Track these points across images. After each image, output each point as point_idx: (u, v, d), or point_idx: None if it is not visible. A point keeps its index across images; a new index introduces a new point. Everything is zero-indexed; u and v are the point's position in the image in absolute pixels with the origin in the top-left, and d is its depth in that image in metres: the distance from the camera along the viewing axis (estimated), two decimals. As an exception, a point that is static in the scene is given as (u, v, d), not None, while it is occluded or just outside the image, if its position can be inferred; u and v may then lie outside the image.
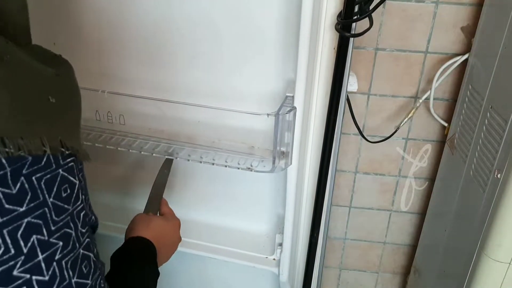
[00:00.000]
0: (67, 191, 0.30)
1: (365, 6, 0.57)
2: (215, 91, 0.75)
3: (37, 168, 0.28)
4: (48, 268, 0.29)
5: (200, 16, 0.70)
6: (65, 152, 0.30)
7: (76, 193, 0.32)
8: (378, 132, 0.97)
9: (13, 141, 0.26)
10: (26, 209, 0.27)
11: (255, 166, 0.70)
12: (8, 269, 0.27)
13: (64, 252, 0.30)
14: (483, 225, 0.69)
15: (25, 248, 0.27)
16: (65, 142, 0.30)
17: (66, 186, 0.30)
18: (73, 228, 0.31)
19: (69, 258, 0.30)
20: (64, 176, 0.30)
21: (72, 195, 0.31)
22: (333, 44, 0.61)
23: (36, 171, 0.28)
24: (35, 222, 0.28)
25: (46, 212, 0.29)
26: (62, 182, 0.30)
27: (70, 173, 0.31)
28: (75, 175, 0.32)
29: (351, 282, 1.22)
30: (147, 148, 0.74)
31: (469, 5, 0.82)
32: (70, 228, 0.30)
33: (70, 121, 0.32)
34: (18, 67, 0.28)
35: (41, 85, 0.30)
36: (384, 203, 1.08)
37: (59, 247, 0.29)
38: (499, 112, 0.67)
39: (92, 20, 0.74)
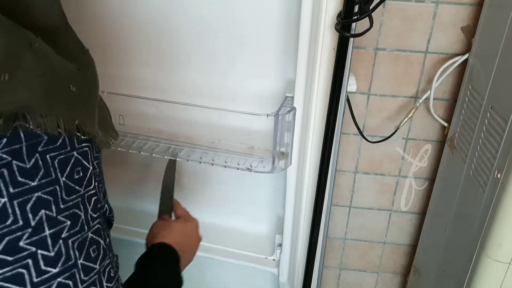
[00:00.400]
0: (79, 174, 0.31)
1: (365, 6, 0.57)
2: (214, 91, 0.75)
3: (52, 147, 0.29)
4: (54, 244, 0.29)
5: (200, 17, 0.70)
6: (81, 137, 0.32)
7: (88, 177, 0.32)
8: (378, 132, 0.97)
9: (33, 117, 0.28)
10: (38, 184, 0.28)
11: (255, 166, 0.70)
12: (15, 239, 0.27)
13: (71, 232, 0.30)
14: (483, 225, 0.69)
15: (33, 221, 0.28)
16: (82, 127, 0.32)
17: (79, 169, 0.31)
18: (83, 210, 0.31)
19: (76, 238, 0.31)
20: (78, 159, 0.31)
21: (84, 179, 0.32)
22: (333, 44, 0.61)
23: (51, 150, 0.29)
24: (45, 198, 0.29)
25: (57, 189, 0.29)
26: (75, 164, 0.31)
27: (84, 157, 0.32)
28: (89, 161, 0.32)
29: (351, 282, 1.22)
30: (146, 148, 0.74)
31: (469, 5, 0.82)
32: (79, 210, 0.31)
33: (87, 110, 0.34)
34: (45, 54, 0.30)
35: (64, 74, 0.31)
36: (384, 203, 1.07)
37: (66, 225, 0.30)
38: (499, 112, 0.67)
39: (92, 20, 0.74)
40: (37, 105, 0.28)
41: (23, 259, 0.28)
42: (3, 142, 0.27)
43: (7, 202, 0.27)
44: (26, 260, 0.28)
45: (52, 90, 0.30)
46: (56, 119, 0.29)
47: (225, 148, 0.74)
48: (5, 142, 0.27)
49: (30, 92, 0.28)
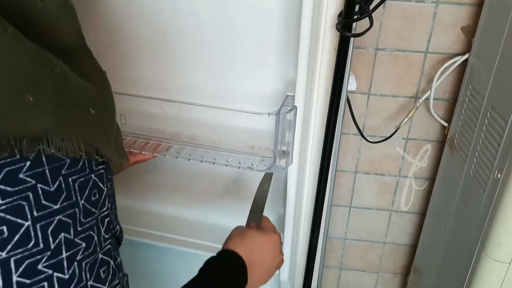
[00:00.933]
0: (96, 196, 0.32)
1: (365, 6, 0.57)
2: (216, 90, 0.75)
3: (74, 170, 0.30)
4: (69, 267, 0.30)
5: (201, 17, 0.70)
6: (99, 159, 0.32)
7: (103, 199, 0.33)
8: (378, 132, 0.97)
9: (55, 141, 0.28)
10: (60, 207, 0.29)
11: (256, 165, 0.70)
12: (34, 263, 0.28)
13: (85, 254, 0.31)
14: (483, 225, 0.69)
15: (53, 245, 0.28)
16: (100, 150, 0.32)
17: (96, 191, 0.32)
18: (96, 232, 0.32)
19: (88, 260, 0.31)
20: (95, 181, 0.32)
21: (99, 200, 0.33)
22: (333, 44, 0.61)
23: (73, 173, 0.30)
24: (65, 221, 0.29)
25: (76, 212, 0.30)
26: (93, 187, 0.32)
27: (100, 179, 0.33)
28: (104, 182, 0.33)
29: (351, 282, 1.22)
30: (148, 148, 0.74)
31: (469, 5, 0.82)
32: (93, 231, 0.32)
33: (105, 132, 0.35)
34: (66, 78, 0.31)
35: (84, 97, 0.32)
36: (384, 203, 1.08)
37: (82, 247, 0.30)
38: (499, 112, 0.67)
39: (93, 19, 0.74)
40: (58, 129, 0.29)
41: (40, 281, 0.28)
42: (27, 165, 0.27)
43: (30, 226, 0.27)
44: (42, 283, 0.28)
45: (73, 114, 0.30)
46: (77, 142, 0.30)
47: (226, 147, 0.74)
48: (29, 165, 0.27)
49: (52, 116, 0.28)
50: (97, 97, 0.34)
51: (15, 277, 0.27)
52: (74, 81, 0.31)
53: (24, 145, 0.27)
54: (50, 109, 0.28)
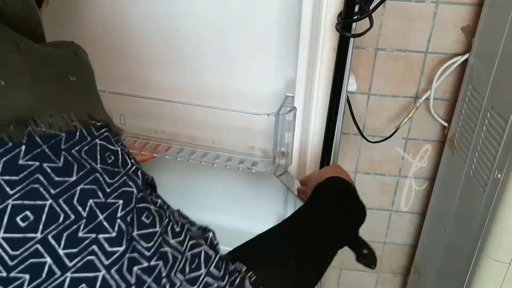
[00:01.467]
0: (111, 158, 0.31)
1: (365, 6, 0.57)
2: (215, 91, 0.75)
3: (73, 142, 0.29)
4: (112, 225, 0.29)
5: (201, 17, 0.70)
6: (97, 124, 0.31)
7: (122, 158, 0.32)
8: (378, 132, 0.97)
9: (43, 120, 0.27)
10: (77, 178, 0.28)
11: (255, 166, 0.70)
12: (73, 232, 0.28)
13: (126, 209, 0.30)
14: (483, 225, 0.69)
15: (84, 212, 0.28)
16: (93, 115, 0.31)
17: (109, 153, 0.31)
18: (134, 185, 0.32)
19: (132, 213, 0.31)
20: (103, 144, 0.31)
21: (118, 161, 0.32)
22: (333, 44, 0.61)
23: (73, 145, 0.29)
24: (88, 188, 0.29)
25: (98, 177, 0.29)
26: (103, 151, 0.31)
27: (108, 142, 0.32)
28: (113, 144, 0.32)
29: (352, 282, 1.22)
30: (147, 148, 0.74)
31: (469, 5, 0.82)
32: (129, 186, 0.31)
33: (92, 96, 0.33)
34: (35, 52, 0.29)
35: (59, 66, 0.31)
36: (384, 203, 1.08)
37: (119, 205, 0.30)
38: (499, 112, 0.67)
39: (93, 19, 0.74)
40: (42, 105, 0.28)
41: (88, 247, 0.28)
42: (22, 149, 0.27)
43: (53, 203, 0.27)
44: (91, 247, 0.28)
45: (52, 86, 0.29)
46: (67, 114, 0.29)
47: (226, 148, 0.74)
48: (24, 149, 0.27)
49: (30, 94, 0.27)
50: (74, 62, 0.33)
51: (61, 250, 0.27)
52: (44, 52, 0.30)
53: (12, 131, 0.26)
54: (26, 88, 0.27)
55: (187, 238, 0.35)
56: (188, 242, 0.34)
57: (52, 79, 0.30)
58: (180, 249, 0.33)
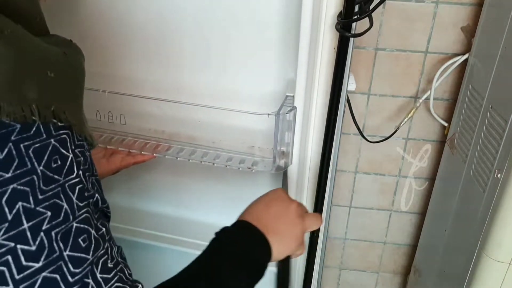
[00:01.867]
0: (57, 162, 0.30)
1: (365, 6, 0.57)
2: (215, 91, 0.75)
3: (26, 136, 0.28)
4: (35, 237, 0.28)
5: (201, 17, 0.70)
6: (57, 123, 0.30)
7: (69, 166, 0.31)
8: (378, 132, 0.97)
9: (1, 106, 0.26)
10: (12, 176, 0.27)
11: (255, 166, 0.70)
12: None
13: (53, 223, 0.29)
14: (483, 225, 0.69)
15: (10, 215, 0.27)
16: (58, 113, 0.30)
17: (57, 157, 0.30)
18: (65, 200, 0.30)
19: (60, 229, 0.29)
20: (56, 146, 0.30)
21: (63, 167, 0.30)
22: (333, 44, 0.61)
23: (25, 139, 0.28)
24: (21, 189, 0.27)
25: (34, 179, 0.28)
26: (52, 153, 0.29)
27: (62, 145, 0.30)
28: (68, 148, 0.31)
29: (351, 282, 1.22)
30: (147, 148, 0.74)
31: (469, 5, 0.82)
32: (60, 199, 0.30)
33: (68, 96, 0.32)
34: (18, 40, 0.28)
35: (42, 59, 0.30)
36: (384, 203, 1.08)
37: (47, 216, 0.28)
38: (499, 112, 0.67)
39: (93, 19, 0.74)
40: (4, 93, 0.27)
41: (2, 255, 0.26)
42: None
43: None
44: (5, 256, 0.26)
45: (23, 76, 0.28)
46: (28, 106, 0.28)
47: (226, 148, 0.74)
48: None
49: None
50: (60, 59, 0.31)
51: None
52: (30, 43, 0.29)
53: None
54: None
55: (114, 279, 0.33)
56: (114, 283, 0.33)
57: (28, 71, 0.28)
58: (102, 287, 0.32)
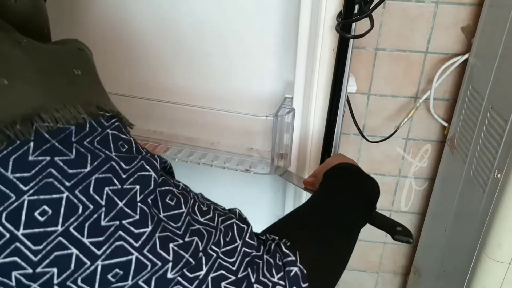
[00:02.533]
0: (124, 147, 0.31)
1: (365, 6, 0.57)
2: (214, 92, 0.75)
3: (83, 134, 0.29)
4: (134, 209, 0.29)
5: (200, 19, 0.70)
6: (106, 115, 0.31)
7: (136, 147, 0.32)
8: (378, 132, 0.97)
9: (49, 115, 0.27)
10: (91, 169, 0.28)
11: (254, 168, 0.69)
12: (95, 222, 0.28)
13: (145, 193, 0.30)
14: (483, 225, 0.69)
15: (102, 201, 0.28)
16: (101, 106, 0.30)
17: (122, 142, 0.31)
18: (151, 169, 0.31)
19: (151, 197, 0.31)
20: (115, 134, 0.31)
21: (132, 149, 0.31)
22: (332, 45, 0.60)
23: (83, 137, 0.29)
24: (103, 177, 0.28)
25: (113, 165, 0.29)
26: (115, 140, 0.30)
27: (120, 131, 0.31)
28: (125, 133, 0.32)
29: (351, 282, 1.22)
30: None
31: (469, 5, 0.81)
32: (146, 170, 0.31)
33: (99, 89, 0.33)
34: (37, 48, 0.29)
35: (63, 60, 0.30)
36: (384, 203, 1.07)
37: (136, 190, 0.30)
38: (499, 112, 0.67)
39: (91, 20, 0.74)
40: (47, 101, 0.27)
41: (113, 233, 0.28)
42: (31, 146, 0.26)
43: (69, 195, 0.27)
44: (116, 233, 0.28)
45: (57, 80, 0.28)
46: (74, 107, 0.28)
47: (225, 149, 0.74)
48: (33, 146, 0.26)
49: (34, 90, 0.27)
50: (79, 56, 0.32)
51: (86, 240, 0.27)
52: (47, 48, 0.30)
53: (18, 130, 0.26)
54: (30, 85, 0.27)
55: (215, 215, 0.35)
56: (218, 218, 0.35)
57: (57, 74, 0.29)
58: (212, 224, 0.34)
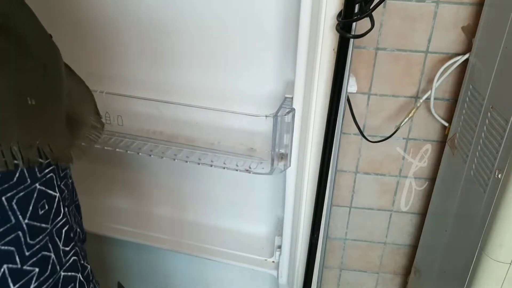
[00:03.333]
0: (44, 208, 0.26)
1: (365, 6, 0.56)
2: (213, 92, 0.75)
3: (8, 186, 0.24)
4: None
5: (199, 18, 0.70)
6: (43, 163, 0.26)
7: (56, 207, 0.27)
8: (378, 132, 0.97)
9: None
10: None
11: (254, 168, 0.69)
12: None
13: (41, 279, 0.26)
14: (483, 225, 0.69)
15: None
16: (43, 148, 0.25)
17: (44, 202, 0.26)
18: (52, 249, 0.27)
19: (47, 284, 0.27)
20: (42, 190, 0.26)
21: (51, 211, 0.27)
22: (332, 45, 0.60)
23: (6, 190, 0.24)
24: (6, 250, 0.24)
25: (19, 236, 0.25)
26: (39, 198, 0.26)
27: (49, 186, 0.27)
28: (55, 187, 0.27)
29: (352, 282, 1.21)
30: (145, 150, 0.74)
31: (469, 5, 0.81)
32: (48, 250, 0.26)
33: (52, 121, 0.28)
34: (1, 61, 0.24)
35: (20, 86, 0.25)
36: (384, 203, 1.07)
37: (35, 273, 0.25)
38: (500, 112, 0.67)
39: (91, 19, 0.73)
40: None
41: None
42: None
43: None
44: None
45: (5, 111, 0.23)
46: (9, 148, 0.23)
47: (224, 150, 0.74)
48: None
49: None
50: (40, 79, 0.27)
51: None
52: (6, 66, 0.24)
53: None
54: None
55: None
56: None
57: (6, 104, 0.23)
58: None
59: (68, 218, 0.29)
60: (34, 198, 0.25)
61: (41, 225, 0.26)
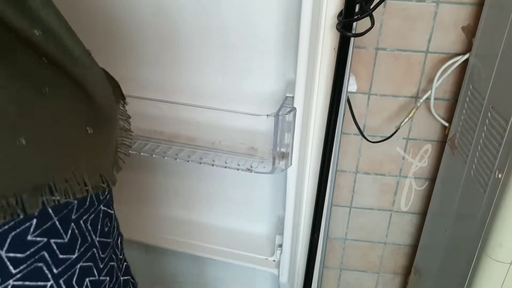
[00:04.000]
0: (108, 225, 0.30)
1: (366, 5, 0.57)
2: (214, 92, 0.75)
3: (83, 210, 0.28)
4: None
5: (201, 18, 0.70)
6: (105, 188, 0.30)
7: (114, 223, 0.32)
8: (378, 132, 0.97)
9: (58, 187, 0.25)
10: (78, 255, 0.27)
11: (255, 167, 0.69)
12: None
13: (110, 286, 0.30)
14: (484, 225, 0.69)
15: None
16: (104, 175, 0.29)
17: (107, 220, 0.30)
18: (115, 259, 0.31)
19: None
20: (105, 210, 0.30)
21: (111, 227, 0.31)
22: (333, 44, 0.60)
23: (83, 213, 0.28)
24: (86, 266, 0.28)
25: (94, 253, 0.28)
26: (103, 218, 0.30)
27: (109, 205, 0.31)
28: (111, 205, 0.31)
29: (352, 282, 1.21)
30: (146, 149, 0.74)
31: (470, 5, 0.81)
32: (113, 260, 0.31)
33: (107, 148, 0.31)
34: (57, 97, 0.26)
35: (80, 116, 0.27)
36: (384, 203, 1.07)
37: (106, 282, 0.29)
38: (500, 112, 0.67)
39: (94, 19, 0.74)
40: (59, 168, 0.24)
41: None
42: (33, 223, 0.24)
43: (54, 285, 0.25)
44: None
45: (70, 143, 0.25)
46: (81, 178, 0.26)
47: (226, 149, 0.74)
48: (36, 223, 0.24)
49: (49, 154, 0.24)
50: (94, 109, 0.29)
51: None
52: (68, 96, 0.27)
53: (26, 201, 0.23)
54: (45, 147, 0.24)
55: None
56: None
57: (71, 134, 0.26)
58: None
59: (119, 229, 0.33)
60: (100, 218, 0.30)
61: (107, 240, 0.30)
